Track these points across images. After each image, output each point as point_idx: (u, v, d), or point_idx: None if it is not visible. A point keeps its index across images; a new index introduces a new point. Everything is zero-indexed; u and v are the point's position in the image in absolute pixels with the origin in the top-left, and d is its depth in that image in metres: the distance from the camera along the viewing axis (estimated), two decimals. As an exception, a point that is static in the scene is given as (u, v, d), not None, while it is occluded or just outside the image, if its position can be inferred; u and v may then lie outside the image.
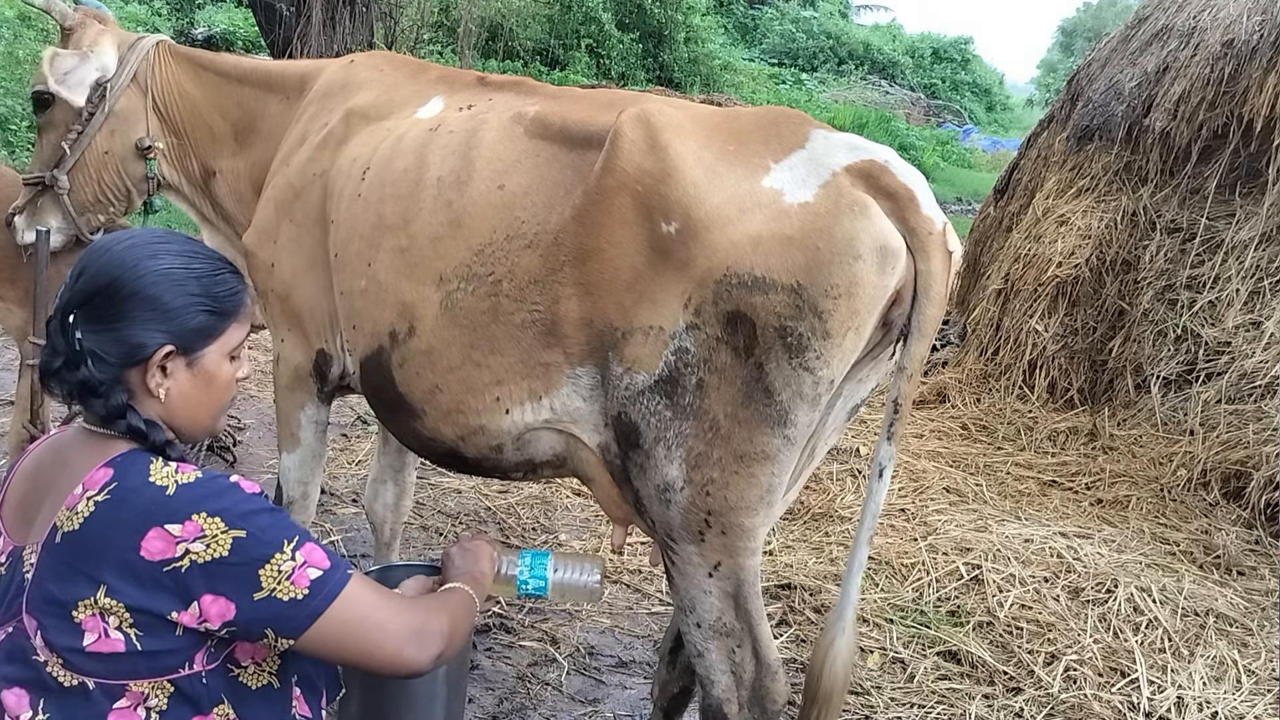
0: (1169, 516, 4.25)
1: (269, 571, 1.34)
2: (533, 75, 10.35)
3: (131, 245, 1.44)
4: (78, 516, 1.33)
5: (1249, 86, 4.84)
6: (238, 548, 1.33)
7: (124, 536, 1.31)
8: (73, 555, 1.33)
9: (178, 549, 1.31)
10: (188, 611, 1.33)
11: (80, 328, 1.39)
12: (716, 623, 1.91)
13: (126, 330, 1.40)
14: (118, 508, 1.33)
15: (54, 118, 2.72)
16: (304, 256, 2.33)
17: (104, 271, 1.41)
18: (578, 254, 1.83)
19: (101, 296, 1.40)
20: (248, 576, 1.34)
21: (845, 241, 1.65)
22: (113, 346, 1.39)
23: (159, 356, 1.41)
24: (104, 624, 1.31)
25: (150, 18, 13.89)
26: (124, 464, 1.38)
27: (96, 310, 1.40)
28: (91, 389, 1.39)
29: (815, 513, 4.14)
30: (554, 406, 1.94)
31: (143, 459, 1.39)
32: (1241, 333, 4.84)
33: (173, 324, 1.42)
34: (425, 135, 2.13)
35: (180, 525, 1.32)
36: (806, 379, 1.70)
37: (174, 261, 1.44)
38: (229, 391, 1.53)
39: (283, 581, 1.35)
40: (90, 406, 1.41)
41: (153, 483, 1.35)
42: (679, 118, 1.85)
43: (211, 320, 1.46)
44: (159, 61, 2.75)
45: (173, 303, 1.41)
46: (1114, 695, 2.95)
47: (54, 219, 2.82)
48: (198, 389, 1.47)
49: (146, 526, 1.31)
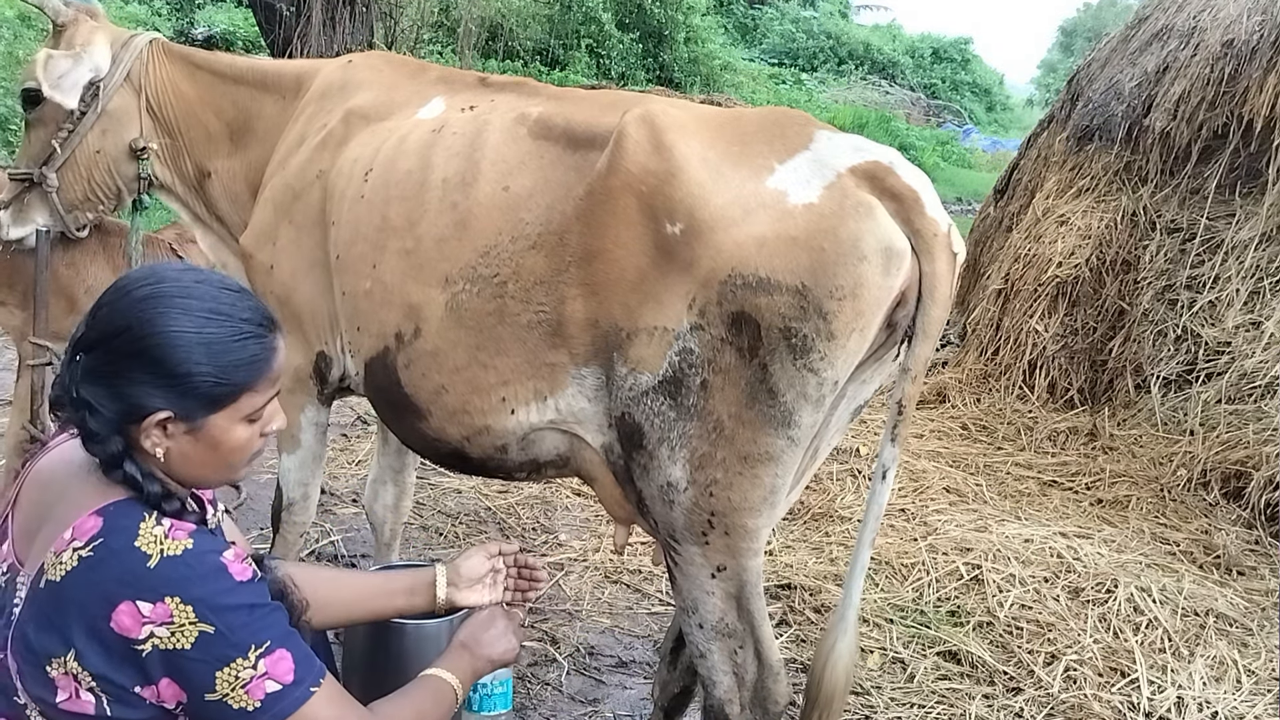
0: (1169, 516, 4.25)
1: (226, 675, 1.28)
2: (533, 75, 10.36)
3: (150, 295, 1.34)
4: (61, 567, 1.27)
5: (1249, 86, 4.85)
6: (201, 643, 1.27)
7: (96, 603, 1.26)
8: (50, 608, 1.28)
9: (143, 630, 1.25)
10: (148, 689, 1.29)
11: (80, 374, 1.33)
12: (719, 623, 1.92)
13: (124, 389, 1.32)
14: (97, 570, 1.26)
15: (44, 115, 2.67)
16: (304, 258, 2.32)
17: (116, 318, 1.33)
18: (583, 255, 1.83)
19: (107, 346, 1.33)
20: (204, 675, 1.28)
21: (850, 242, 1.65)
22: (108, 402, 1.33)
23: (153, 420, 1.33)
24: (75, 684, 1.27)
25: (150, 17, 13.87)
26: (114, 517, 1.30)
27: (99, 360, 1.33)
28: (89, 435, 1.34)
29: (815, 513, 4.14)
30: (559, 407, 1.94)
31: (135, 513, 1.32)
32: (1241, 333, 4.84)
33: (171, 392, 1.33)
34: (429, 136, 2.13)
35: (151, 605, 1.25)
36: (811, 380, 1.70)
37: (189, 323, 1.33)
38: (242, 453, 1.44)
39: (237, 689, 1.29)
40: (90, 449, 1.35)
41: (137, 548, 1.28)
42: (683, 118, 1.85)
43: (217, 391, 1.35)
44: (153, 60, 2.71)
45: (175, 370, 1.32)
46: (1114, 695, 2.96)
47: (41, 216, 2.78)
48: (200, 452, 1.39)
49: (119, 598, 1.25)
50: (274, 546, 2.64)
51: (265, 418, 1.45)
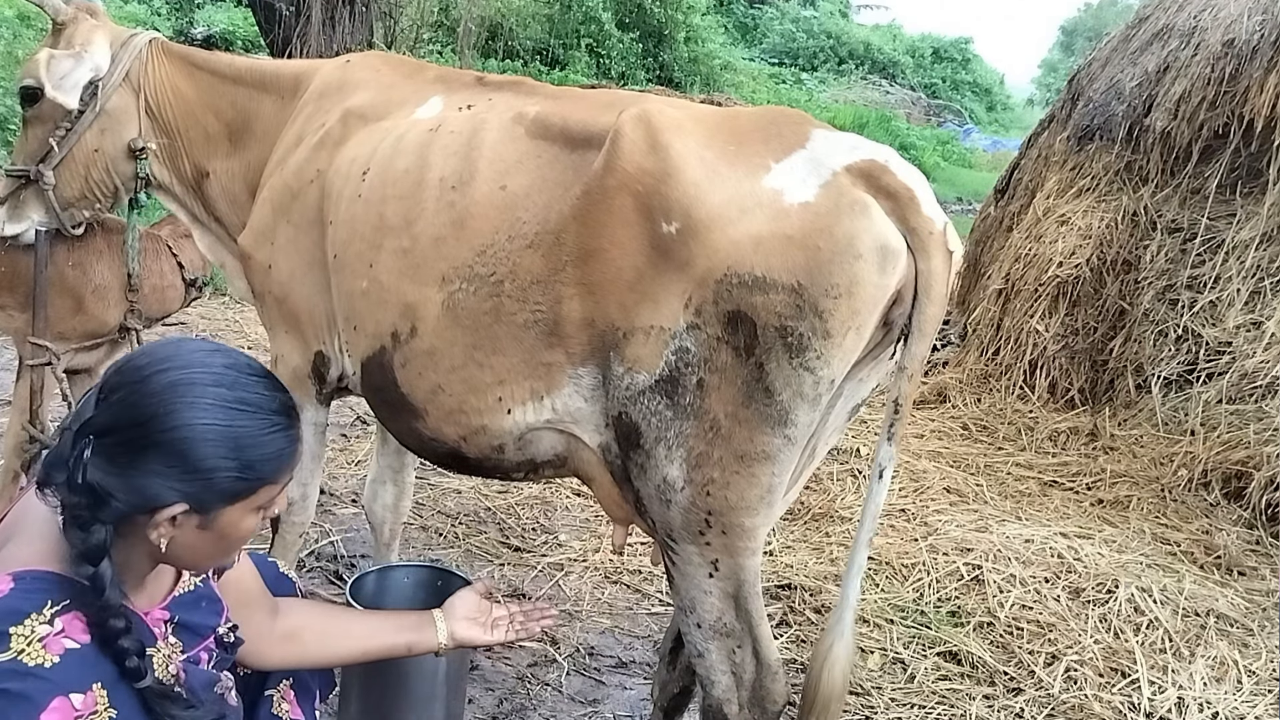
0: (1170, 517, 4.25)
1: None
2: (533, 75, 10.35)
3: (175, 383, 1.27)
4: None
5: (1250, 86, 4.84)
6: None
7: None
8: None
9: None
10: None
11: (92, 460, 1.25)
12: (717, 623, 1.91)
13: (141, 480, 1.26)
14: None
15: (42, 112, 2.67)
16: (302, 258, 2.32)
17: (135, 406, 1.26)
18: (579, 254, 1.83)
19: (125, 434, 1.26)
20: None
21: (846, 241, 1.65)
22: (122, 492, 1.25)
23: (167, 514, 1.28)
24: None
25: (149, 17, 13.88)
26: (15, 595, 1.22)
27: (116, 447, 1.26)
28: (79, 522, 1.25)
29: (815, 513, 4.13)
30: (555, 406, 1.94)
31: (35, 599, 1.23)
32: (1242, 333, 4.83)
33: (192, 486, 1.27)
34: (426, 136, 2.13)
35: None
36: (807, 379, 1.70)
37: (217, 416, 1.27)
38: (244, 541, 1.40)
39: None
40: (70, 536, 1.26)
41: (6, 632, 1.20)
42: (679, 118, 1.85)
43: (240, 485, 1.31)
44: (152, 60, 2.71)
45: (200, 464, 1.27)
46: (1114, 696, 2.95)
47: (37, 213, 2.78)
48: (206, 542, 1.35)
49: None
50: (273, 547, 2.64)
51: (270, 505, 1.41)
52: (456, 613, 1.92)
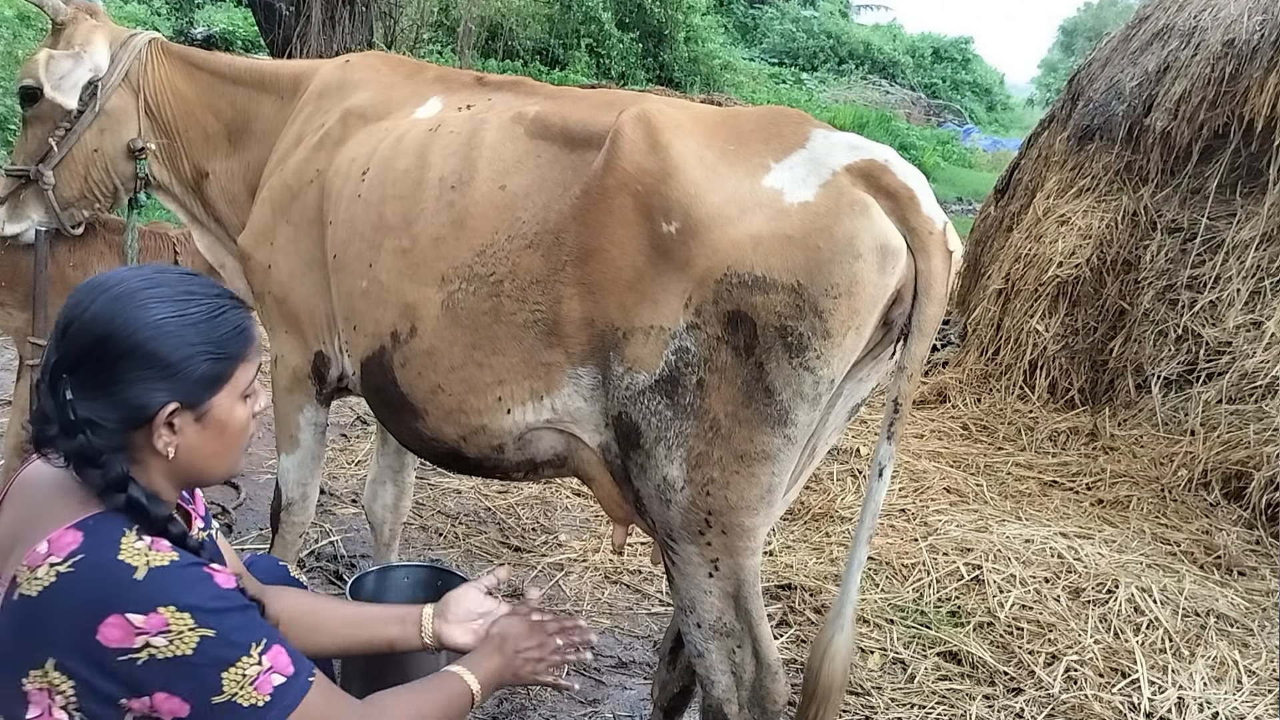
0: (1170, 517, 4.24)
1: (233, 675, 1.26)
2: (532, 75, 10.35)
3: (118, 296, 1.29)
4: (37, 582, 1.23)
5: (1250, 86, 4.84)
6: (204, 648, 1.24)
7: (81, 617, 1.22)
8: (26, 621, 1.24)
9: (136, 640, 1.22)
10: (138, 700, 1.25)
11: (73, 393, 1.28)
12: (717, 623, 1.91)
13: (124, 393, 1.28)
14: (79, 584, 1.23)
15: (41, 112, 2.67)
16: (301, 258, 2.32)
17: (91, 328, 1.28)
18: (579, 254, 1.83)
19: (91, 359, 1.28)
20: (209, 679, 1.26)
21: (846, 241, 1.65)
22: (110, 412, 1.29)
23: (164, 416, 1.31)
24: (50, 700, 1.24)
25: (149, 17, 13.88)
26: (94, 531, 1.27)
27: (88, 375, 1.28)
28: (89, 459, 1.28)
29: (815, 513, 4.13)
30: (555, 406, 1.94)
31: (115, 528, 1.28)
32: (1242, 333, 4.83)
33: (173, 379, 1.30)
34: (425, 135, 2.13)
35: (144, 616, 1.22)
36: (807, 378, 1.70)
37: (167, 310, 1.30)
38: (245, 434, 1.43)
39: (245, 687, 1.27)
40: (87, 477, 1.30)
41: (122, 561, 1.24)
42: (679, 117, 1.85)
43: (217, 367, 1.34)
44: (151, 60, 2.71)
45: (171, 356, 1.29)
46: (1115, 696, 2.95)
47: (36, 212, 2.78)
48: (209, 440, 1.37)
49: (107, 611, 1.22)
50: (273, 547, 2.64)
51: (255, 394, 1.44)
52: (450, 613, 1.75)
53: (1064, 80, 7.04)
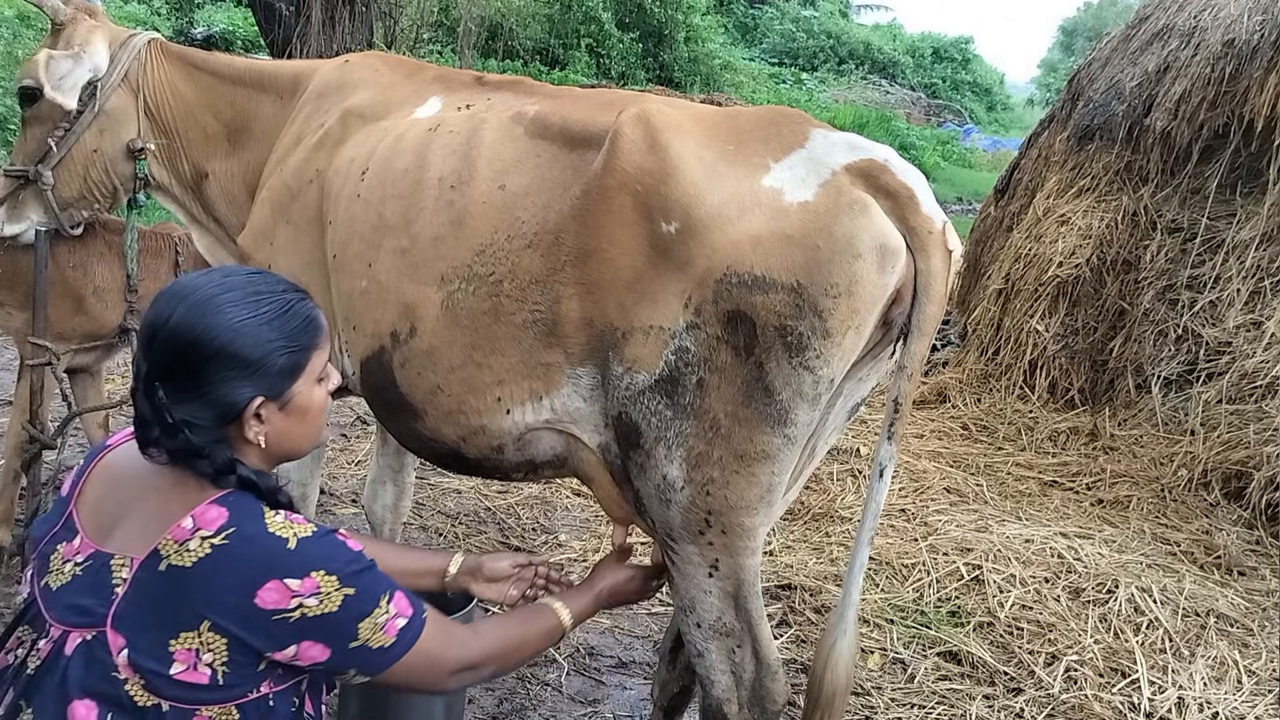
0: (1170, 517, 4.24)
1: (367, 624, 1.42)
2: (532, 75, 10.35)
3: (195, 304, 1.40)
4: (189, 554, 1.35)
5: (1250, 86, 4.84)
6: (346, 604, 1.39)
7: (241, 584, 1.34)
8: (180, 589, 1.35)
9: (291, 602, 1.35)
10: (282, 653, 1.38)
11: (168, 399, 1.39)
12: (716, 622, 1.91)
13: (214, 393, 1.40)
14: (236, 554, 1.36)
15: (40, 113, 2.67)
16: (301, 258, 2.32)
17: (176, 337, 1.39)
18: (578, 254, 1.82)
19: (180, 365, 1.39)
20: (349, 629, 1.41)
21: (845, 240, 1.65)
22: (204, 411, 1.40)
23: (251, 410, 1.42)
24: (196, 658, 1.35)
25: (149, 17, 13.88)
26: (238, 507, 1.40)
27: (179, 380, 1.40)
28: (195, 453, 1.40)
29: (815, 513, 4.13)
30: (555, 407, 1.94)
31: (254, 504, 1.41)
32: (1242, 333, 4.83)
33: (257, 375, 1.41)
34: (425, 135, 2.12)
35: (299, 580, 1.36)
36: (807, 378, 1.69)
37: (243, 311, 1.41)
38: (324, 412, 1.56)
39: (377, 632, 1.43)
40: (197, 468, 1.41)
41: (273, 534, 1.38)
42: (678, 117, 1.85)
43: (293, 359, 1.45)
44: (151, 60, 2.70)
45: (252, 355, 1.40)
46: (1115, 696, 2.95)
47: (35, 213, 2.78)
48: (293, 424, 1.49)
49: (266, 578, 1.35)
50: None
51: (328, 376, 1.56)
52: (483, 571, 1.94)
53: (1064, 80, 7.04)
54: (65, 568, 1.41)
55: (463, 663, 1.56)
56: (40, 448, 3.09)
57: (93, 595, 1.37)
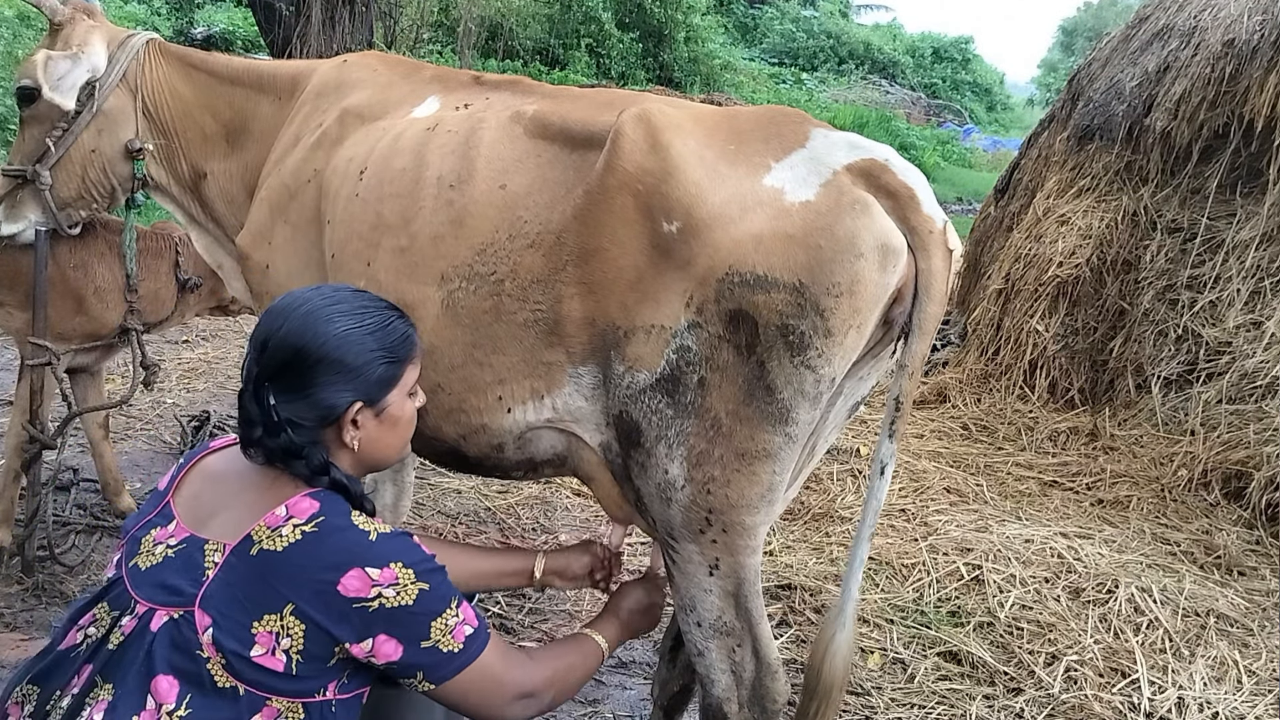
0: (1170, 517, 4.24)
1: (439, 624, 1.49)
2: (532, 75, 10.35)
3: (309, 313, 1.53)
4: (281, 539, 1.43)
5: (1250, 86, 4.84)
6: (421, 599, 1.47)
7: (326, 569, 1.43)
8: (269, 571, 1.43)
9: (372, 590, 1.43)
10: (359, 645, 1.45)
11: (275, 399, 1.50)
12: (717, 622, 1.91)
13: (318, 395, 1.51)
14: (324, 541, 1.45)
15: (39, 112, 2.66)
16: (300, 257, 2.32)
17: (288, 343, 1.51)
18: (580, 253, 1.82)
19: (290, 367, 1.51)
20: (422, 626, 1.48)
21: (847, 239, 1.65)
22: (308, 411, 1.51)
23: (351, 414, 1.54)
24: (275, 643, 1.42)
25: (149, 17, 13.88)
26: (328, 502, 1.49)
27: (288, 382, 1.51)
28: (294, 453, 1.50)
29: (815, 513, 4.13)
30: (556, 406, 1.94)
31: (343, 502, 1.51)
32: (1242, 333, 4.83)
33: (358, 381, 1.53)
34: (423, 134, 2.12)
35: (380, 570, 1.44)
36: (808, 377, 1.70)
37: (350, 322, 1.54)
38: (412, 426, 1.66)
39: (446, 635, 1.50)
40: (293, 468, 1.51)
41: (357, 526, 1.48)
42: (679, 117, 1.85)
43: (391, 369, 1.57)
44: (149, 61, 2.69)
45: (355, 362, 1.52)
46: (1115, 696, 2.95)
47: (33, 213, 2.77)
48: (385, 432, 1.60)
49: (350, 565, 1.43)
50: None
51: (417, 391, 1.67)
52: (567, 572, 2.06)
53: (1064, 80, 7.04)
54: (157, 549, 1.49)
55: (524, 688, 1.62)
56: (40, 448, 3.08)
57: (184, 575, 1.45)
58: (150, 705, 1.37)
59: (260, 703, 1.42)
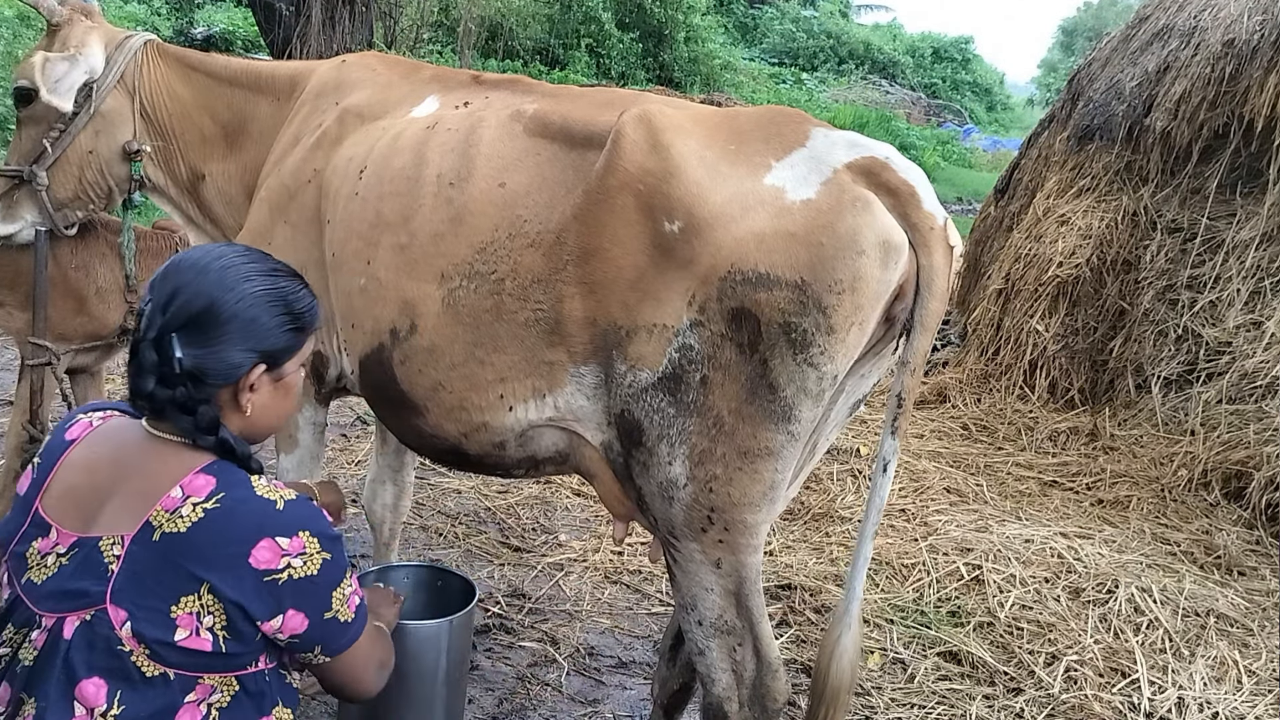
0: (1170, 517, 4.24)
1: (339, 594, 1.49)
2: (532, 75, 10.35)
3: (227, 268, 1.50)
4: (183, 520, 1.40)
5: (1250, 86, 4.84)
6: (325, 569, 1.46)
7: (236, 543, 1.40)
8: (176, 553, 1.40)
9: (281, 561, 1.42)
10: (270, 623, 1.43)
11: (181, 350, 1.46)
12: (718, 620, 1.91)
13: (225, 352, 1.48)
14: (230, 516, 1.42)
15: (36, 113, 2.65)
16: (299, 257, 2.31)
17: (202, 294, 1.47)
18: (580, 253, 1.82)
19: (201, 319, 1.47)
20: (324, 596, 1.47)
21: (848, 237, 1.65)
22: (214, 366, 1.48)
23: (253, 376, 1.51)
24: (198, 623, 1.40)
25: (149, 17, 13.88)
26: (224, 474, 1.46)
27: (197, 333, 1.47)
28: (185, 407, 1.47)
29: (815, 513, 4.13)
30: (557, 404, 1.94)
31: (238, 471, 1.48)
32: (1242, 333, 4.83)
33: (265, 343, 1.51)
34: (423, 133, 2.12)
35: (289, 539, 1.43)
36: (810, 374, 1.70)
37: (265, 283, 1.52)
38: (297, 399, 1.65)
39: (344, 605, 1.50)
40: (179, 422, 1.47)
41: (261, 496, 1.45)
42: (680, 118, 1.85)
43: (296, 337, 1.56)
44: (147, 62, 2.69)
45: (266, 323, 1.50)
46: (1115, 696, 2.95)
47: (29, 213, 2.76)
48: (277, 400, 1.58)
49: (260, 535, 1.41)
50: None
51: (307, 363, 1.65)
52: None
53: (1064, 80, 7.04)
54: (47, 561, 1.45)
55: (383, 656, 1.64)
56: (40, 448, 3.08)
57: (86, 577, 1.41)
58: (80, 712, 1.35)
59: (192, 683, 1.41)
